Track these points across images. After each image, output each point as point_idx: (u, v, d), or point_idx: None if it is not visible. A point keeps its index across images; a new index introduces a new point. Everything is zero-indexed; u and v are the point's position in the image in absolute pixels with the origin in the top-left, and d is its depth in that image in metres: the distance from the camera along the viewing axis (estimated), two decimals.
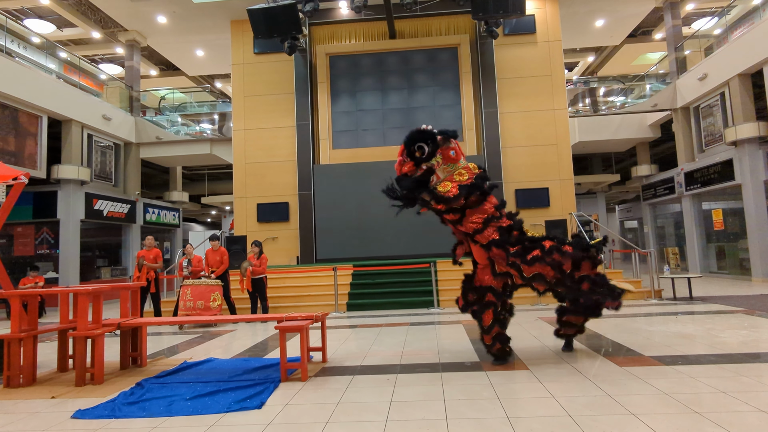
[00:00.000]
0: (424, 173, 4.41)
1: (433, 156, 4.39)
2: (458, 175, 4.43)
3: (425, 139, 4.39)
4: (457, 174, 4.43)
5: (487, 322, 4.47)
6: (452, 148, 4.46)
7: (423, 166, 4.40)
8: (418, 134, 4.44)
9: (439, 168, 4.42)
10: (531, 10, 12.78)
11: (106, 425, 3.38)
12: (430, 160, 4.39)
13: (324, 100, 12.95)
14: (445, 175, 4.42)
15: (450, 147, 4.45)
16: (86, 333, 4.61)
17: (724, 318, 6.78)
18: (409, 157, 4.42)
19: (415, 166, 4.40)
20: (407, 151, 4.44)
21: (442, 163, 4.42)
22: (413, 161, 4.40)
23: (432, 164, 4.41)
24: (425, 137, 4.40)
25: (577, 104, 17.75)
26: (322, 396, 3.86)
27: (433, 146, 4.38)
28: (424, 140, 4.39)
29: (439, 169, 4.42)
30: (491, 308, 4.48)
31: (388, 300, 9.57)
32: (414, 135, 4.45)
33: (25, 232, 13.25)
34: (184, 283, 8.30)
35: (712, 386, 3.64)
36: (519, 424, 3.06)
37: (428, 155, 4.37)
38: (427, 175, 4.41)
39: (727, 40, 13.04)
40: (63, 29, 16.05)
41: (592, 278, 4.47)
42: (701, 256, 14.44)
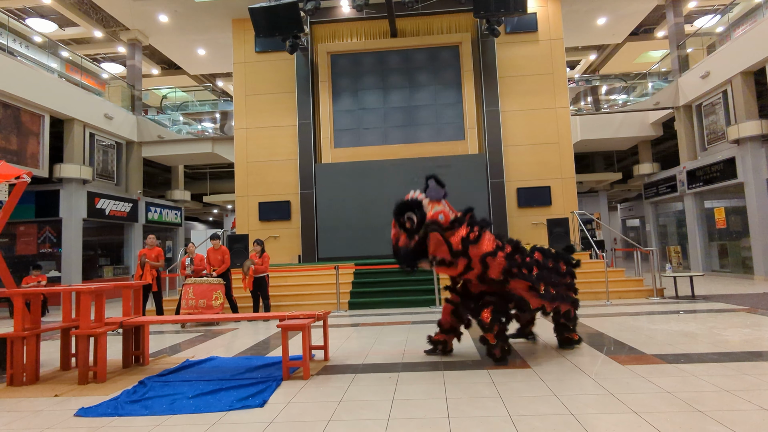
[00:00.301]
0: (418, 244, 4.42)
1: (422, 225, 4.39)
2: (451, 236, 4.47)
3: (411, 209, 4.40)
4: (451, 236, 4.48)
5: (487, 319, 4.46)
6: (440, 212, 4.43)
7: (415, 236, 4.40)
8: (404, 205, 4.46)
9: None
10: (533, 8, 12.74)
11: (108, 423, 3.39)
12: (420, 229, 4.39)
13: (325, 99, 12.94)
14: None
15: (438, 211, 4.43)
16: (89, 331, 4.62)
17: (727, 316, 6.77)
18: (402, 229, 4.44)
19: (408, 237, 4.42)
20: (398, 223, 4.48)
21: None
22: (406, 233, 4.42)
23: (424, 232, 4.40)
24: (411, 207, 4.41)
25: (579, 102, 17.72)
26: (324, 394, 3.87)
27: (420, 215, 4.38)
28: (411, 209, 4.40)
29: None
30: (489, 306, 4.48)
31: (390, 299, 9.58)
32: (401, 206, 4.47)
33: (28, 231, 13.28)
34: (186, 281, 8.32)
35: (715, 384, 3.64)
36: (521, 423, 3.06)
37: (418, 224, 4.38)
38: (421, 245, 4.42)
39: (729, 38, 13.00)
40: (65, 28, 16.07)
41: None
42: (703, 254, 14.42)
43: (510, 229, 12.24)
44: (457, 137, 12.70)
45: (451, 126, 12.77)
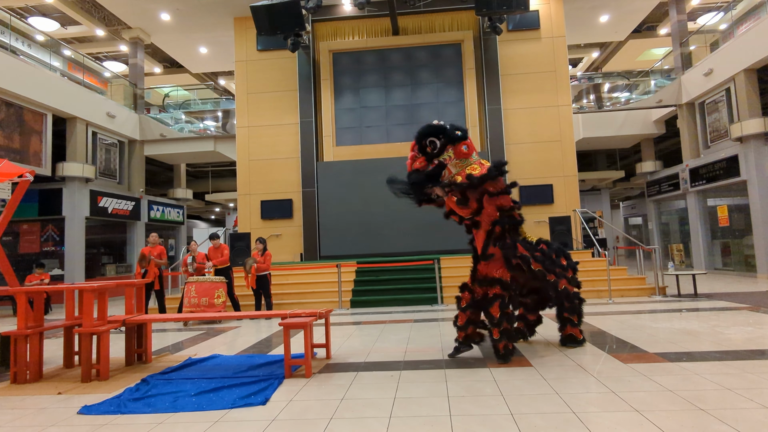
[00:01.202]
0: (436, 168, 4.34)
1: (444, 150, 4.33)
2: (470, 169, 4.37)
3: (437, 134, 4.33)
4: (469, 168, 4.37)
5: (496, 314, 4.43)
6: (465, 143, 4.40)
7: (435, 161, 4.35)
8: (429, 129, 4.37)
9: (451, 163, 4.36)
10: (535, 5, 12.71)
11: (111, 421, 3.40)
12: (441, 154, 4.32)
13: (327, 97, 12.94)
14: (457, 170, 4.37)
15: (463, 142, 4.39)
16: (91, 329, 4.64)
17: (729, 315, 6.76)
18: (421, 152, 4.36)
19: (427, 161, 4.34)
20: (419, 146, 4.39)
21: (454, 157, 4.36)
22: (425, 156, 4.35)
23: (444, 159, 4.37)
24: (437, 132, 4.34)
25: (581, 100, 17.68)
26: (326, 392, 3.88)
27: (444, 140, 4.33)
28: (435, 135, 4.33)
29: (451, 164, 4.36)
30: (498, 300, 4.44)
31: (392, 297, 9.59)
32: (425, 130, 4.39)
33: (31, 229, 13.33)
34: (188, 280, 8.33)
35: (717, 383, 3.63)
36: (522, 421, 3.06)
37: (440, 150, 4.32)
38: (439, 169, 4.35)
39: (732, 35, 12.94)
40: (67, 27, 16.09)
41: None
42: (706, 252, 14.38)
43: None
44: None
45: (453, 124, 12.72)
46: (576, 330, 5.06)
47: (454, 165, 4.37)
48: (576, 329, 5.06)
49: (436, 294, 9.32)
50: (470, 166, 4.39)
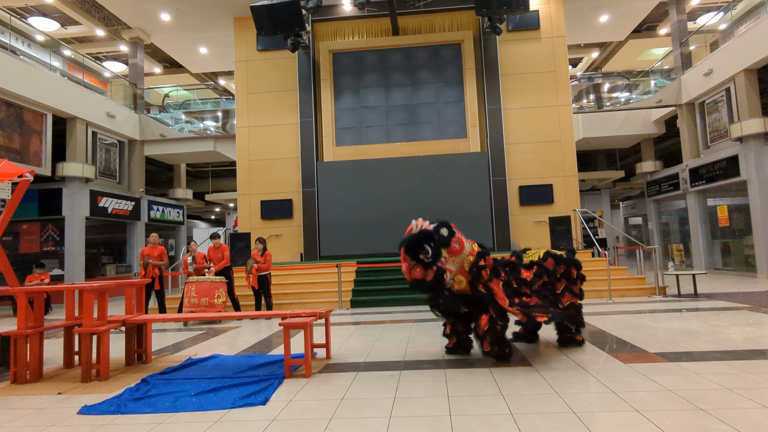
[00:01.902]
0: (436, 277, 4.26)
1: (439, 256, 4.24)
2: (467, 263, 4.36)
3: (427, 241, 4.24)
4: (467, 263, 4.36)
5: (483, 327, 4.44)
6: (455, 239, 4.33)
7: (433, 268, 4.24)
8: (418, 237, 4.27)
9: (448, 263, 4.29)
10: (535, 5, 12.71)
11: (111, 421, 3.40)
12: (437, 260, 4.23)
13: (327, 97, 12.94)
14: (456, 267, 4.32)
15: (453, 239, 4.32)
16: (91, 329, 4.64)
17: (729, 315, 6.76)
18: (416, 262, 4.27)
19: (425, 269, 4.26)
20: (411, 255, 4.27)
21: (449, 257, 4.28)
22: (421, 265, 4.26)
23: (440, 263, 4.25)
24: (426, 238, 4.24)
25: (581, 100, 17.69)
26: (326, 392, 3.88)
27: (436, 247, 4.24)
28: (425, 241, 4.23)
29: (448, 263, 4.28)
30: (487, 314, 4.45)
31: (392, 297, 9.58)
32: (414, 238, 4.27)
33: (31, 229, 13.32)
34: (188, 280, 8.33)
35: (717, 383, 3.64)
36: (522, 421, 3.06)
37: (434, 258, 4.23)
38: (440, 278, 4.27)
39: (732, 35, 12.95)
40: (67, 27, 16.09)
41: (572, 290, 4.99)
42: (706, 252, 14.39)
43: (512, 227, 12.23)
44: (459, 135, 12.68)
45: (453, 124, 12.75)
46: (576, 335, 5.11)
47: (451, 263, 4.31)
48: (576, 335, 5.10)
49: None
50: (466, 260, 4.36)
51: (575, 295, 5.03)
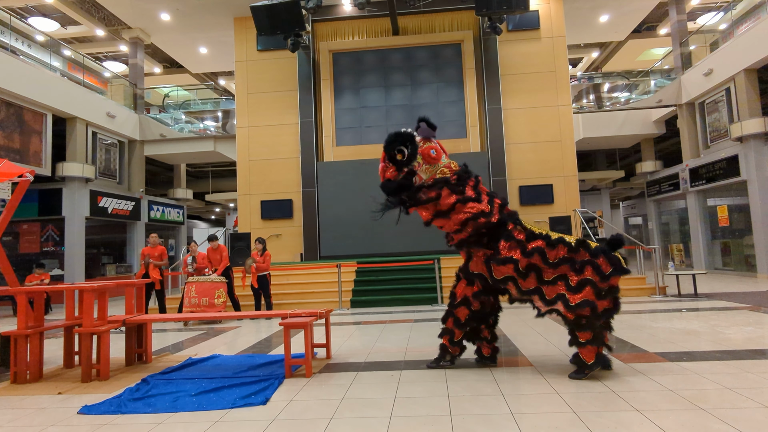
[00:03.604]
0: (405, 176, 4.28)
1: (414, 158, 4.26)
2: (440, 173, 4.32)
3: (404, 142, 4.26)
4: (439, 173, 4.32)
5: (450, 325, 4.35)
6: (432, 147, 4.33)
7: (404, 169, 4.28)
8: (397, 137, 4.29)
9: (421, 168, 4.29)
10: (535, 5, 12.71)
11: (112, 421, 3.40)
12: (411, 162, 4.26)
13: (327, 97, 12.94)
14: (427, 176, 4.31)
15: (430, 146, 4.32)
16: (92, 329, 4.64)
17: (729, 314, 6.76)
18: (391, 162, 4.30)
19: (398, 170, 4.28)
20: (388, 155, 4.31)
21: (423, 163, 4.30)
22: (395, 165, 4.29)
23: (413, 165, 4.28)
24: (404, 139, 4.27)
25: (581, 100, 17.69)
26: (326, 392, 3.87)
27: (412, 148, 4.25)
28: (402, 143, 4.26)
29: (421, 169, 4.29)
30: (450, 317, 4.36)
31: (392, 297, 9.59)
32: (392, 138, 4.30)
33: (31, 229, 13.33)
34: (188, 280, 8.33)
35: (717, 383, 3.63)
36: (523, 421, 3.06)
37: (409, 157, 4.25)
38: (409, 177, 4.29)
39: (732, 35, 12.95)
40: (67, 27, 16.09)
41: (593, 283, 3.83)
42: (706, 252, 14.39)
43: None
44: (459, 135, 12.68)
45: (453, 124, 12.75)
46: (587, 350, 3.88)
47: (423, 171, 4.32)
48: (588, 349, 3.88)
49: (436, 294, 9.31)
50: (440, 170, 4.33)
51: (599, 294, 3.82)
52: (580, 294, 3.84)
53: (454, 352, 4.42)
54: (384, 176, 4.36)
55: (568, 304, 3.87)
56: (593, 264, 3.88)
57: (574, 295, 3.86)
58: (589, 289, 3.83)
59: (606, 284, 3.85)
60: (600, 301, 3.83)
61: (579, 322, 3.86)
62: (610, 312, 3.87)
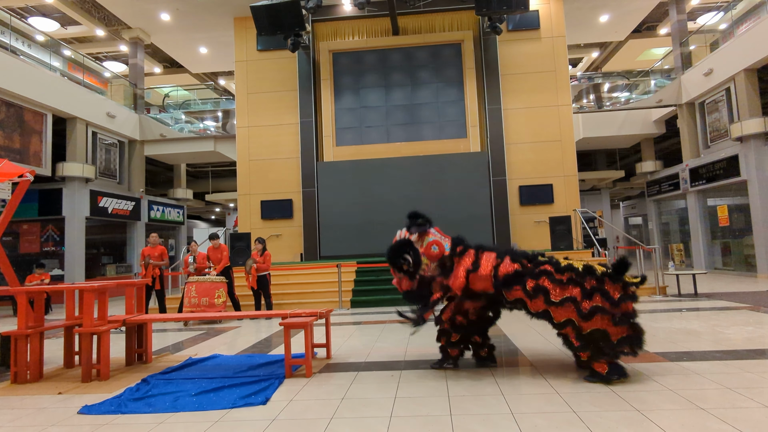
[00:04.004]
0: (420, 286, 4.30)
1: (419, 264, 4.27)
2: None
3: (405, 249, 4.28)
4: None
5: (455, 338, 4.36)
6: (431, 243, 4.29)
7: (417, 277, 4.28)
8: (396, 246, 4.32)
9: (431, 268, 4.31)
10: (535, 5, 12.71)
11: (112, 421, 3.40)
12: (419, 268, 4.27)
13: (327, 97, 12.93)
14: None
15: (429, 243, 4.29)
16: (92, 329, 4.64)
17: (729, 314, 6.76)
18: (401, 273, 4.33)
19: (411, 279, 4.30)
20: (395, 268, 4.34)
21: (431, 263, 4.31)
22: (407, 275, 4.31)
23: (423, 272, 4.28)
24: (404, 247, 4.29)
25: (581, 100, 17.69)
26: (326, 392, 3.88)
27: (414, 254, 4.26)
28: (404, 250, 4.28)
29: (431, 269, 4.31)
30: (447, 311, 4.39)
31: (392, 297, 9.57)
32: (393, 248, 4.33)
33: (31, 229, 13.32)
34: (188, 280, 8.33)
35: (717, 382, 3.63)
36: (523, 420, 3.06)
37: (415, 265, 4.26)
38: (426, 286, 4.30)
39: (733, 35, 12.94)
40: (67, 27, 16.09)
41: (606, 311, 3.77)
42: (706, 252, 14.39)
43: (512, 227, 12.23)
44: (459, 135, 12.68)
45: (453, 124, 12.75)
46: (597, 365, 3.77)
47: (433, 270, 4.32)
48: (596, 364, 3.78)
49: None
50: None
51: (615, 321, 3.78)
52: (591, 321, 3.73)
53: (453, 354, 4.43)
54: (401, 288, 4.40)
55: (580, 333, 3.76)
56: (602, 291, 3.79)
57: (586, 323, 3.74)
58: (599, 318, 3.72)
59: (618, 310, 3.77)
60: (616, 327, 3.74)
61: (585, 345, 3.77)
62: (631, 339, 3.76)
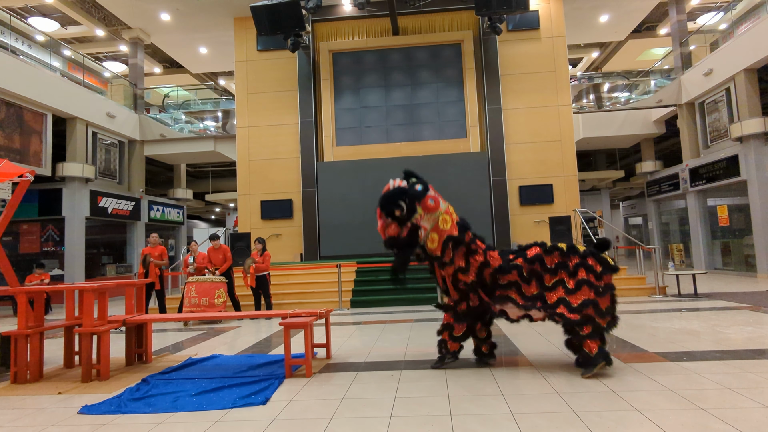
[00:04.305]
0: (410, 234, 4.27)
1: (413, 212, 4.24)
2: (442, 222, 4.31)
3: (400, 196, 4.25)
4: (441, 221, 4.31)
5: (459, 332, 4.41)
6: (429, 197, 4.32)
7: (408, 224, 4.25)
8: (392, 193, 4.29)
9: (423, 220, 4.29)
10: (535, 5, 12.71)
11: (112, 421, 3.40)
12: (411, 216, 4.25)
13: (327, 97, 12.94)
14: (430, 225, 4.30)
15: (428, 196, 4.31)
16: (92, 329, 4.64)
17: (729, 314, 6.76)
18: (391, 219, 4.28)
19: (399, 226, 4.27)
20: (386, 213, 4.29)
21: (424, 214, 4.29)
22: (396, 222, 4.27)
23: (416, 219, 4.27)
24: (399, 194, 4.26)
25: (581, 100, 17.69)
26: (326, 392, 3.88)
27: (410, 202, 4.24)
28: (399, 197, 4.25)
29: (423, 221, 4.29)
30: (451, 311, 4.42)
31: (392, 296, 9.58)
32: (388, 195, 4.30)
33: (31, 229, 13.32)
34: (188, 280, 8.33)
35: (717, 382, 3.63)
36: (523, 420, 3.06)
37: (409, 212, 4.24)
38: (414, 234, 4.29)
39: (732, 35, 12.95)
40: (67, 27, 16.09)
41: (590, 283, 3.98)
42: (706, 252, 14.39)
43: (512, 227, 12.23)
44: (459, 135, 12.68)
45: (453, 124, 12.75)
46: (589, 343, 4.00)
47: (426, 220, 4.32)
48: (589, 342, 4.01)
49: (436, 294, 9.31)
50: (441, 218, 4.33)
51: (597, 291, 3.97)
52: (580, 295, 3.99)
53: (452, 348, 4.45)
54: (386, 234, 4.34)
55: (570, 306, 3.99)
56: (585, 265, 4.05)
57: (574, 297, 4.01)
58: (586, 289, 3.99)
59: (601, 282, 4.01)
60: (600, 298, 3.98)
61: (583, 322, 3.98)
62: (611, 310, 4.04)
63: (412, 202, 4.25)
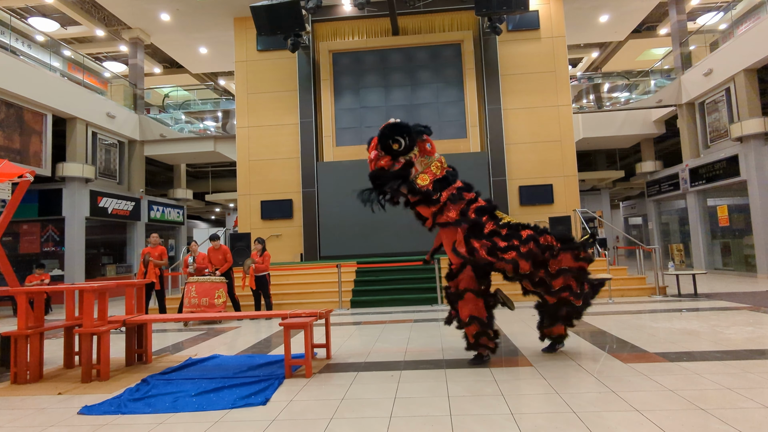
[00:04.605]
0: (404, 166, 4.26)
1: (411, 149, 4.26)
2: (435, 167, 4.34)
3: (401, 133, 4.25)
4: (434, 167, 4.34)
5: (464, 314, 4.37)
6: (428, 141, 4.37)
7: (401, 159, 4.26)
8: (394, 127, 4.28)
9: (417, 160, 4.31)
10: (535, 5, 12.71)
11: (112, 421, 3.40)
12: (407, 153, 4.26)
13: (327, 97, 12.94)
14: (422, 168, 4.31)
15: (427, 139, 4.36)
16: (92, 330, 4.64)
17: (729, 314, 6.75)
18: (385, 151, 4.27)
19: (393, 159, 4.26)
20: (382, 144, 4.28)
21: (419, 155, 4.32)
22: (390, 155, 4.26)
23: (410, 157, 4.29)
24: (401, 130, 4.26)
25: (581, 100, 17.69)
26: (326, 392, 3.88)
27: (410, 139, 4.24)
28: (400, 134, 4.25)
29: (417, 161, 4.31)
30: (468, 294, 4.35)
31: (392, 297, 9.58)
32: (390, 128, 4.29)
33: (31, 229, 13.32)
34: (188, 280, 8.33)
35: (717, 383, 3.63)
36: (523, 421, 3.06)
37: (406, 148, 4.24)
38: (407, 168, 4.28)
39: (732, 35, 12.95)
40: (67, 27, 16.09)
41: (569, 271, 4.36)
42: (706, 252, 14.38)
43: None
44: (459, 135, 12.68)
45: (453, 124, 12.76)
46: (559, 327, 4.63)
47: (419, 162, 4.33)
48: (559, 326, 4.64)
49: (436, 294, 9.31)
50: (434, 164, 4.35)
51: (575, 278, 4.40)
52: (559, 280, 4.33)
53: (492, 346, 4.47)
54: (376, 165, 4.32)
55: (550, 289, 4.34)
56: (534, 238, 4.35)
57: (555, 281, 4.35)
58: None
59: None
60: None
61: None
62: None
63: (412, 140, 4.26)
